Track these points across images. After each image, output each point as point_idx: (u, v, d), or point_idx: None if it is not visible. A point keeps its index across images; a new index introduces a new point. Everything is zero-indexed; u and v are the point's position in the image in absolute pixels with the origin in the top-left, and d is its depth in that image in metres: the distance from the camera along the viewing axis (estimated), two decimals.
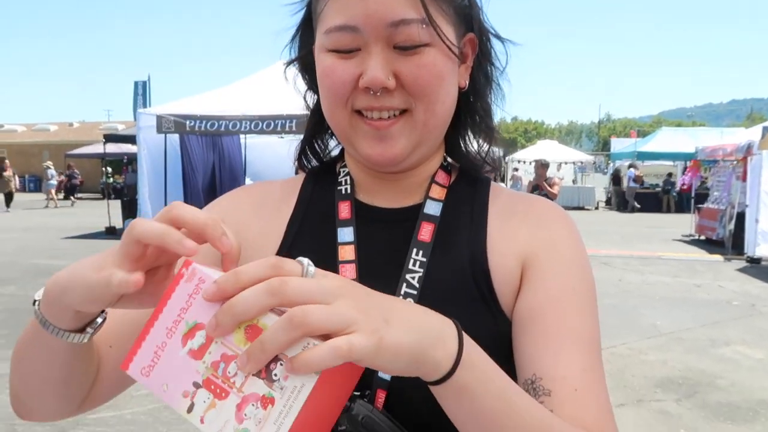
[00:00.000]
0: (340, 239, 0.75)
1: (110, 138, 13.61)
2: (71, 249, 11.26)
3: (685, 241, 12.85)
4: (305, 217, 0.78)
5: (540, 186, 8.77)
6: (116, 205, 14.35)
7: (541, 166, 9.10)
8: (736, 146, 11.25)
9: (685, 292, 7.65)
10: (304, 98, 0.84)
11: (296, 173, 0.89)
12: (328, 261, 0.73)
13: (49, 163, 24.81)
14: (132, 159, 18.39)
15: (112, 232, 13.37)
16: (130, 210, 13.14)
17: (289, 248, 0.76)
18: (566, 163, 25.22)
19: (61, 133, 38.75)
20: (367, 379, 0.65)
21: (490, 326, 0.70)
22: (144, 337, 0.47)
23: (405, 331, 0.47)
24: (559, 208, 0.79)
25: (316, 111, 0.82)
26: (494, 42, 0.78)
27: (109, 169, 26.87)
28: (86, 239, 12.74)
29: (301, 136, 0.88)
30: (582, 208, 21.30)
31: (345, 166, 0.82)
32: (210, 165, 10.93)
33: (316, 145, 0.86)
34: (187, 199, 10.76)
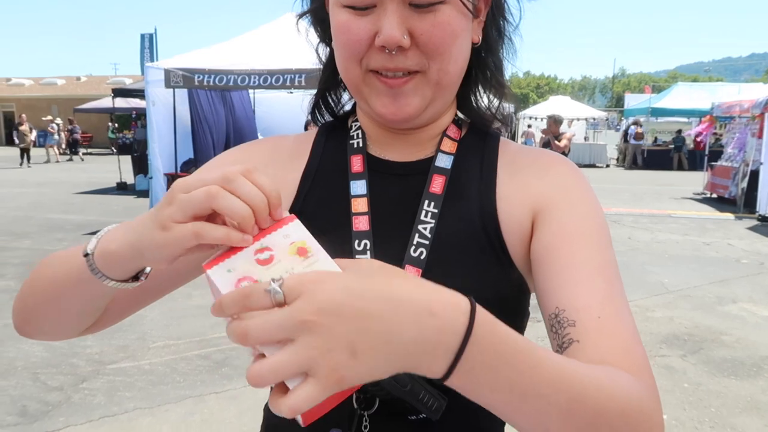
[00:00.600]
0: (353, 192, 0.76)
1: (118, 92, 13.50)
2: (84, 204, 11.39)
3: (696, 200, 12.76)
4: (318, 171, 0.80)
5: (551, 143, 8.65)
6: (125, 160, 14.41)
7: (554, 122, 8.93)
8: (753, 102, 11.02)
9: (695, 250, 7.65)
10: (316, 51, 0.84)
11: (305, 129, 0.90)
12: (341, 213, 0.75)
13: (50, 117, 24.65)
14: (140, 114, 18.30)
15: (123, 188, 13.47)
16: (140, 165, 13.18)
17: (303, 201, 0.78)
18: (578, 119, 24.83)
19: (69, 88, 38.50)
20: None
21: (499, 274, 0.72)
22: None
23: (376, 362, 0.44)
24: (566, 158, 0.81)
25: (329, 64, 0.82)
26: None
27: (115, 125, 26.86)
28: (98, 194, 12.87)
29: (311, 92, 0.88)
30: (593, 166, 21.11)
31: (357, 120, 0.83)
32: (221, 119, 10.86)
33: (329, 98, 0.86)
34: (197, 154, 10.74)
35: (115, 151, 17.22)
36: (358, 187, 0.76)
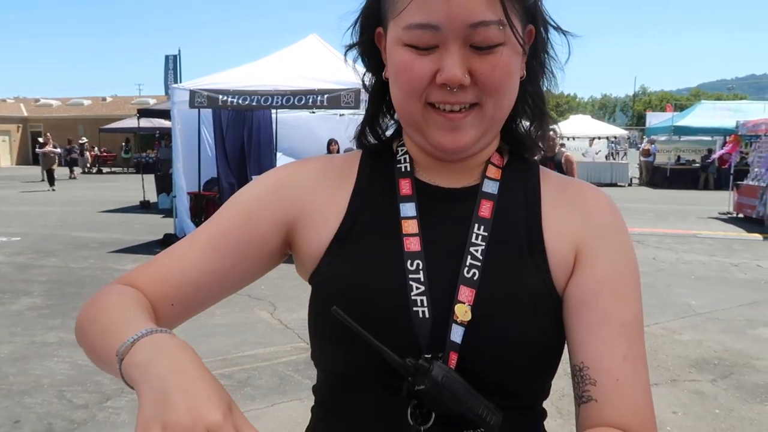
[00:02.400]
0: (402, 214, 0.78)
1: (143, 113, 13.77)
2: (108, 222, 11.59)
3: (722, 219, 12.54)
4: (367, 192, 0.82)
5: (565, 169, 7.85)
6: (148, 179, 14.64)
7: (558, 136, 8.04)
8: None
9: (722, 271, 7.50)
10: (362, 80, 0.87)
11: (328, 149, 0.91)
12: (391, 234, 0.77)
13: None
14: (164, 133, 18.60)
15: (146, 207, 13.68)
16: (163, 184, 13.38)
17: (353, 221, 0.79)
18: (599, 138, 24.70)
19: (95, 108, 39.43)
20: (441, 342, 0.69)
21: (547, 300, 0.74)
22: None
23: None
24: (606, 195, 0.83)
25: (376, 94, 0.85)
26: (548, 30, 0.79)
27: (126, 145, 27.30)
28: (121, 213, 13.08)
29: (332, 112, 0.90)
30: (615, 185, 20.91)
31: (403, 145, 0.85)
32: (238, 139, 11.01)
33: (376, 125, 0.88)
34: (219, 172, 10.90)
35: (129, 170, 17.42)
36: (408, 209, 0.78)
